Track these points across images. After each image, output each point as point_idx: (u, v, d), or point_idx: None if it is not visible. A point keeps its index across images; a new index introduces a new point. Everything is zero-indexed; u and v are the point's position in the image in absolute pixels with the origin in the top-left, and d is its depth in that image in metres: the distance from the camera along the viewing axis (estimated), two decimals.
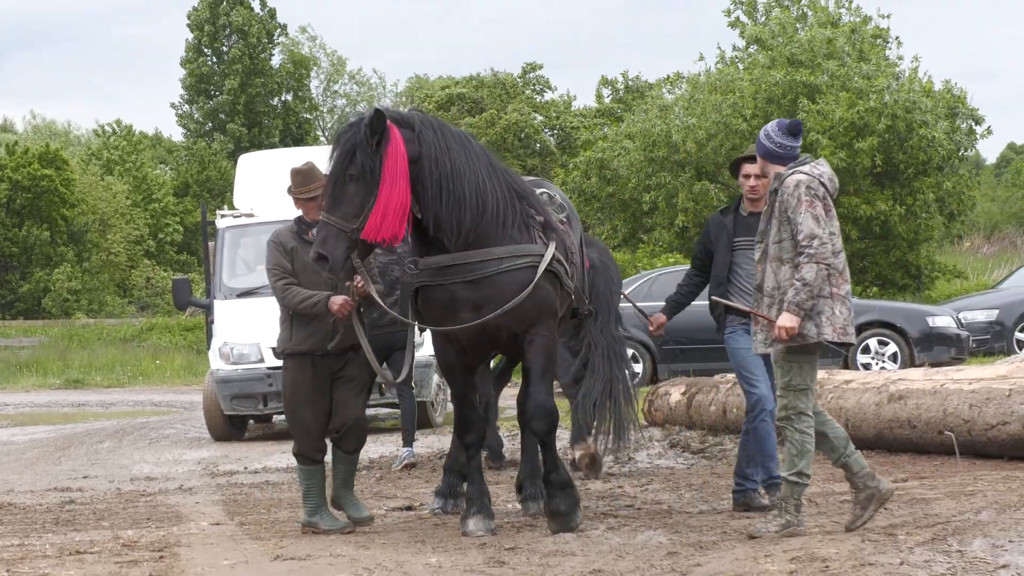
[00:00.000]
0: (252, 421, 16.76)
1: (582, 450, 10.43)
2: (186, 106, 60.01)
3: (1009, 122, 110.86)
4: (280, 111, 59.89)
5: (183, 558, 7.30)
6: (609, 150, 30.95)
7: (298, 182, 8.22)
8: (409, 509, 9.24)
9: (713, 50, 72.32)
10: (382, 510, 9.12)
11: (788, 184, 7.24)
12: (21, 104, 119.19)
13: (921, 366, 15.52)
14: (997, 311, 22.05)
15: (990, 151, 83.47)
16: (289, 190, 8.27)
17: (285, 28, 60.91)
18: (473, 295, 7.75)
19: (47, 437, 17.24)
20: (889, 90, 27.95)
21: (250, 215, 16.10)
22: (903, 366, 17.86)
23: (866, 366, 18.16)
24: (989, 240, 44.52)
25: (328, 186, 7.60)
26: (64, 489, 11.32)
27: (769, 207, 7.36)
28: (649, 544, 7.26)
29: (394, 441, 13.70)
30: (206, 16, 57.53)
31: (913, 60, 33.84)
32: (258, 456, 13.59)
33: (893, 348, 18.54)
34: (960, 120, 30.68)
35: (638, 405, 11.81)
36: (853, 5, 33.17)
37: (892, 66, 31.25)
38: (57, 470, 13.18)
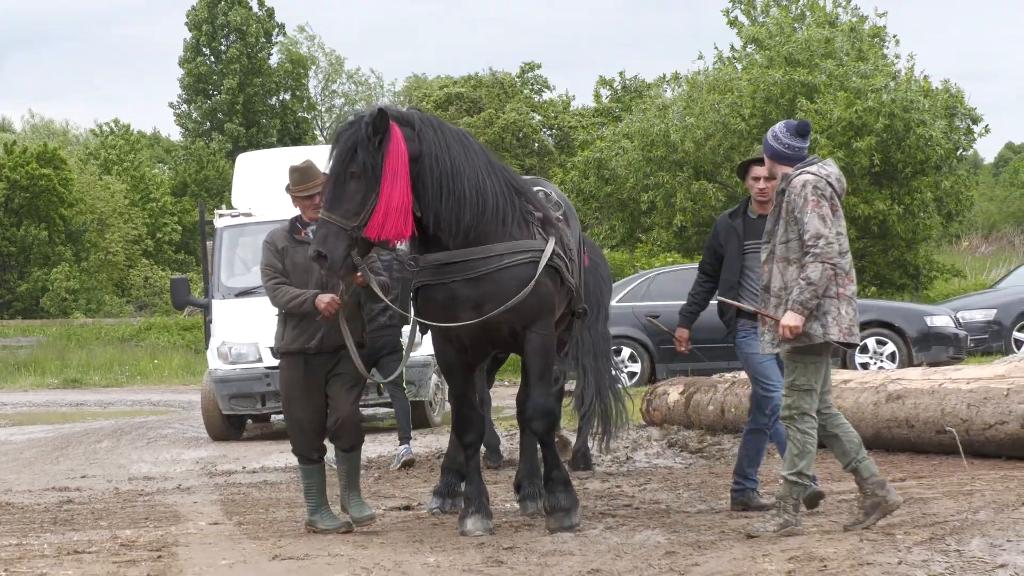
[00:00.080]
0: (250, 421, 16.75)
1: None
2: (184, 105, 59.97)
3: (1007, 122, 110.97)
4: (278, 111, 59.85)
5: (181, 558, 7.30)
6: (607, 150, 30.94)
7: (296, 180, 8.20)
8: (407, 509, 9.24)
9: (710, 50, 72.36)
10: (380, 510, 9.11)
11: (795, 184, 7.22)
12: (19, 103, 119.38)
13: (919, 366, 15.51)
14: (995, 311, 22.07)
15: (988, 151, 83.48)
16: (287, 188, 8.26)
17: (283, 28, 60.91)
18: (474, 293, 7.73)
19: (45, 437, 17.22)
20: (887, 89, 27.96)
21: (248, 215, 16.09)
22: (901, 366, 17.84)
23: (864, 366, 18.15)
24: (987, 240, 44.52)
25: (328, 184, 7.58)
26: (62, 489, 11.32)
27: (776, 207, 7.34)
28: (647, 544, 7.26)
29: (392, 441, 13.69)
30: (204, 16, 57.48)
31: (908, 58, 33.86)
32: (256, 456, 13.58)
33: (891, 348, 18.53)
34: (958, 120, 30.68)
35: (632, 404, 11.81)
36: (851, 4, 33.22)
37: (889, 65, 31.24)
38: (55, 470, 13.17)
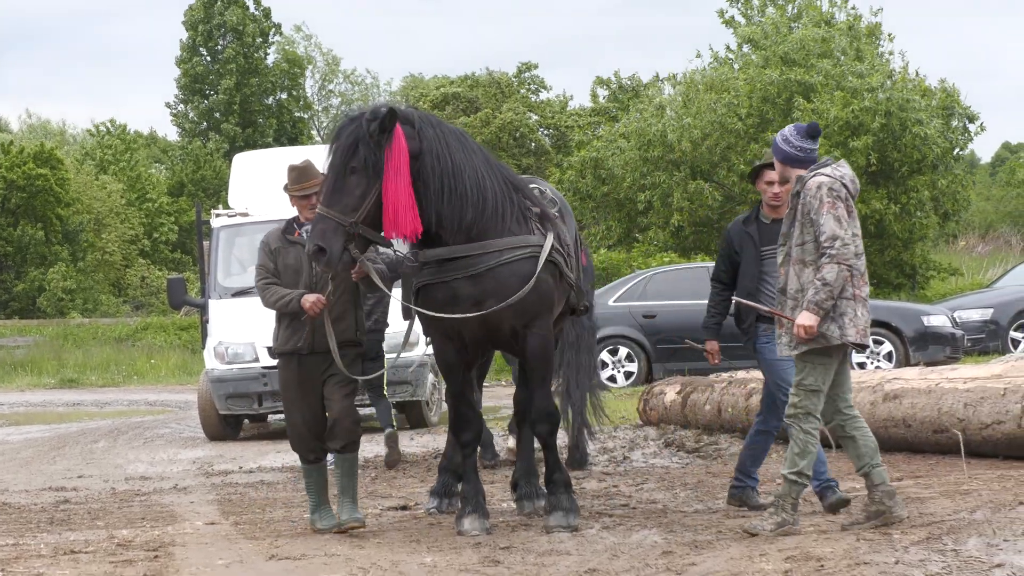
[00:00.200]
0: (247, 420, 16.74)
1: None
2: (181, 105, 59.90)
3: (1004, 121, 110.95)
4: (275, 110, 59.81)
5: (178, 558, 7.29)
6: (604, 149, 30.93)
7: (294, 179, 8.19)
8: (404, 508, 9.24)
9: (706, 50, 72.35)
10: (377, 509, 9.11)
11: (810, 186, 7.21)
12: (16, 103, 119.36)
13: (916, 365, 15.52)
14: (992, 310, 22.09)
15: (985, 150, 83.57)
16: (285, 187, 8.25)
17: (280, 28, 60.85)
18: (475, 289, 7.75)
19: (42, 436, 17.22)
20: (883, 88, 27.96)
21: (245, 214, 16.08)
22: (898, 365, 17.85)
23: (861, 365, 18.13)
24: (984, 239, 44.53)
25: (328, 178, 7.58)
26: (59, 488, 11.31)
27: (792, 210, 7.32)
28: (644, 543, 7.25)
29: None
30: (201, 16, 57.43)
31: (902, 57, 33.87)
32: (253, 456, 13.57)
33: (888, 347, 18.53)
34: (955, 119, 30.67)
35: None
36: (848, 3, 33.21)
37: (885, 64, 31.25)
38: (52, 469, 13.16)
